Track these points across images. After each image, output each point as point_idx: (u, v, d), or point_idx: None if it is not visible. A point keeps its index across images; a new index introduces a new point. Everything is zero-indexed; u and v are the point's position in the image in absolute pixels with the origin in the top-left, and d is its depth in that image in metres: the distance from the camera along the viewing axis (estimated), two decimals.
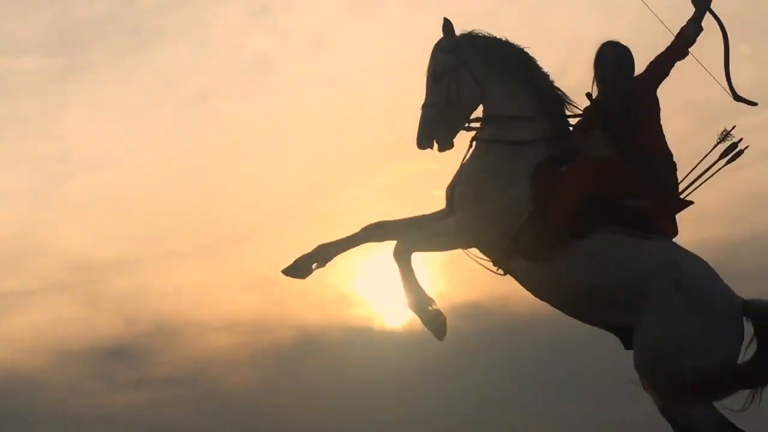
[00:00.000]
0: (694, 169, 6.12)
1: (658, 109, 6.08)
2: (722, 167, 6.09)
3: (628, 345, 5.84)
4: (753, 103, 6.08)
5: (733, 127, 6.06)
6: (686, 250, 5.93)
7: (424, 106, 6.05)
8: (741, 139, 6.04)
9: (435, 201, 6.43)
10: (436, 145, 6.09)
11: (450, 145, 6.06)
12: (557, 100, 6.09)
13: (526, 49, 6.09)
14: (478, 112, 6.23)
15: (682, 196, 6.08)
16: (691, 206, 6.11)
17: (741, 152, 6.04)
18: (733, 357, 5.63)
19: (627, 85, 6.03)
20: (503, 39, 6.10)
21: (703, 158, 6.10)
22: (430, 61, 6.13)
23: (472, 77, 6.05)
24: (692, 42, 6.02)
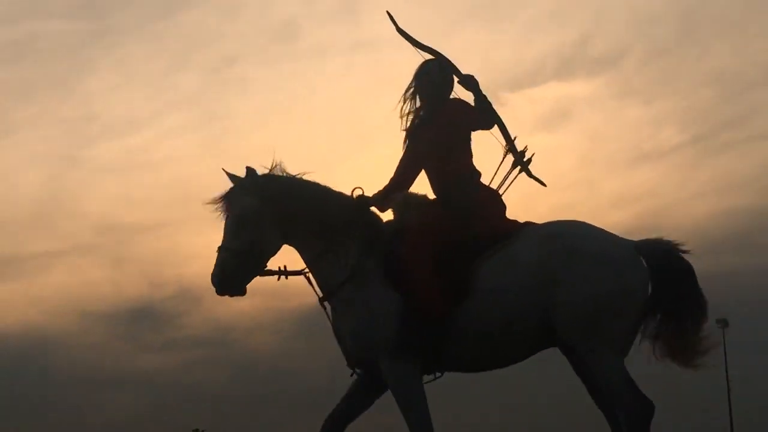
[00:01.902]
0: (492, 179, 6.23)
1: (469, 134, 6.20)
2: (518, 174, 6.23)
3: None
4: (543, 184, 6.25)
5: (515, 138, 6.22)
6: (553, 221, 6.07)
7: (225, 249, 5.93)
8: (526, 147, 6.22)
9: None
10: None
11: (242, 293, 5.99)
12: (366, 217, 6.15)
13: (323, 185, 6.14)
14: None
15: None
16: (713, 176, 6.30)
17: (529, 160, 6.22)
18: (646, 296, 5.88)
19: (449, 103, 6.21)
20: (300, 178, 6.12)
21: (496, 171, 6.24)
22: (232, 201, 6.00)
23: (278, 225, 6.00)
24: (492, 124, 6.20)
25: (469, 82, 6.16)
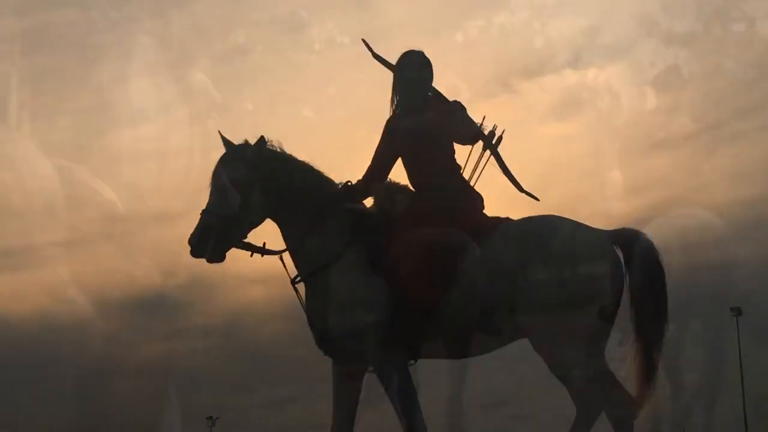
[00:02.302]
0: (467, 160, 6.23)
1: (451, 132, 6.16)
2: (492, 153, 6.18)
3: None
4: (535, 198, 6.19)
5: (484, 118, 6.18)
6: (529, 216, 6.08)
7: (207, 213, 5.88)
8: (495, 126, 6.16)
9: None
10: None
11: (221, 259, 5.93)
12: (353, 204, 6.15)
13: (314, 166, 6.15)
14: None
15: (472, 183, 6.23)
16: (726, 165, 6.28)
17: (501, 138, 6.16)
18: (620, 286, 5.89)
19: (432, 99, 6.20)
20: (294, 157, 6.10)
21: (471, 151, 6.21)
22: (226, 167, 5.97)
23: (266, 199, 5.96)
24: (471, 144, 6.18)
25: (456, 109, 6.16)
